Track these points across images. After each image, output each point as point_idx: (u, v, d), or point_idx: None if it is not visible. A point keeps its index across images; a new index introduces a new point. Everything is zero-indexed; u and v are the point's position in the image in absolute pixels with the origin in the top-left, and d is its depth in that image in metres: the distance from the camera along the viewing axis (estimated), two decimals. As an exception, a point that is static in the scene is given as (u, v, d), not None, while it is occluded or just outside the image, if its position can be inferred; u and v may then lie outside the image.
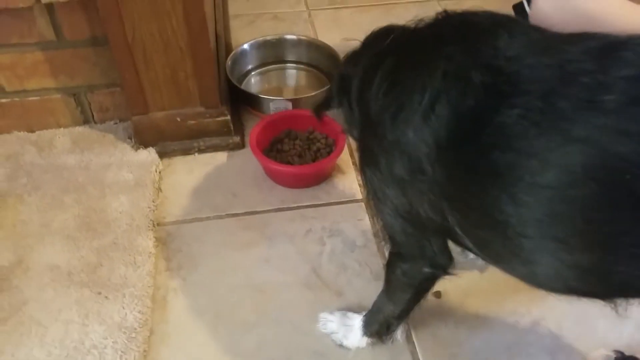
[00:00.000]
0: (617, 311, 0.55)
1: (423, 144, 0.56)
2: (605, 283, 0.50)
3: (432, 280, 0.74)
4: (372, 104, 0.64)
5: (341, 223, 1.08)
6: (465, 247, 0.65)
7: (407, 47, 0.64)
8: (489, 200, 0.50)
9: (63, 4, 1.02)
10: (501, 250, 0.55)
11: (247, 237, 1.04)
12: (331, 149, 1.18)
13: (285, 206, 1.11)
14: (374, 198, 0.70)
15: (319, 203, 1.12)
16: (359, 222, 1.08)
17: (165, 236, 1.04)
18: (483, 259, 0.63)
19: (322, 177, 1.16)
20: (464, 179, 0.53)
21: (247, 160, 1.19)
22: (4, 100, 1.17)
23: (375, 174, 0.67)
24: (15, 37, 1.08)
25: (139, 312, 0.88)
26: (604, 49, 0.46)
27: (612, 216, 0.44)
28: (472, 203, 0.54)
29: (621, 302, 0.55)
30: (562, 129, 0.44)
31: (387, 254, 0.78)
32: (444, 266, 0.71)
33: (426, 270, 0.71)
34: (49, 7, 1.04)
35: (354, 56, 0.75)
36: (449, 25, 0.61)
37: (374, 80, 0.64)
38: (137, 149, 1.18)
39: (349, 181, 1.17)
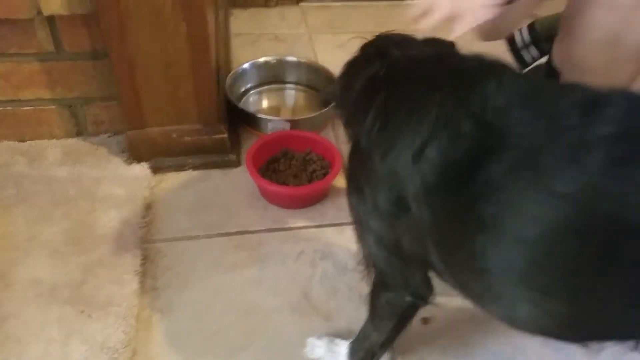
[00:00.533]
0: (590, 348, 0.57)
1: (411, 183, 0.57)
2: (580, 330, 0.52)
3: (414, 309, 0.75)
4: (364, 137, 0.65)
5: (333, 246, 1.06)
6: (446, 282, 0.66)
7: (400, 85, 0.65)
8: (473, 247, 0.52)
9: (65, 17, 1.02)
10: (481, 293, 0.56)
11: (239, 258, 1.02)
12: (327, 170, 1.17)
13: (278, 227, 1.09)
14: (358, 226, 0.71)
15: (313, 225, 1.11)
16: (350, 246, 1.06)
17: (154, 254, 1.02)
18: (463, 296, 0.63)
19: (316, 199, 1.15)
20: (449, 223, 0.55)
21: (242, 179, 1.17)
22: (-5, 109, 1.16)
23: (361, 204, 0.68)
24: (14, 47, 1.07)
25: (123, 332, 0.86)
26: (588, 103, 0.48)
27: (589, 270, 0.45)
28: (455, 247, 0.55)
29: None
30: (546, 185, 0.46)
31: (371, 281, 0.78)
32: (425, 296, 0.72)
33: (408, 299, 0.72)
34: (50, 20, 1.03)
35: (352, 69, 0.77)
36: (442, 68, 0.63)
37: (367, 114, 0.65)
38: (130, 163, 1.16)
39: (343, 204, 1.14)
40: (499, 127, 0.50)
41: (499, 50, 1.23)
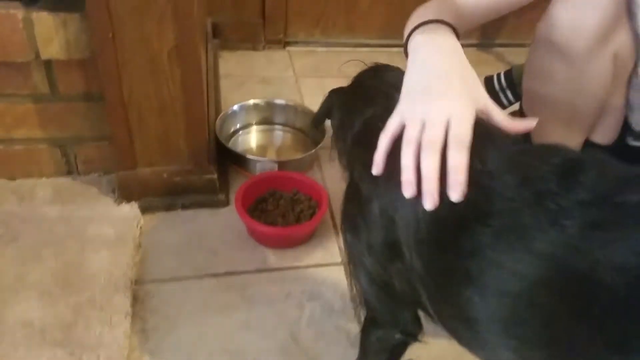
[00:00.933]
0: None
1: (404, 231, 0.60)
2: None
3: (404, 346, 0.78)
4: (364, 182, 0.67)
5: (321, 286, 1.08)
6: (436, 324, 0.69)
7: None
8: (461, 298, 0.55)
9: (61, 61, 1.04)
10: (468, 339, 0.60)
11: (227, 299, 1.04)
12: (314, 210, 1.19)
13: (266, 267, 1.11)
14: (351, 263, 0.74)
15: (300, 265, 1.12)
16: (337, 286, 1.08)
17: (144, 295, 1.02)
18: (453, 339, 0.66)
19: (304, 239, 1.17)
20: (439, 274, 0.58)
21: (231, 219, 1.19)
22: (-14, 148, 1.17)
23: (355, 242, 0.70)
24: (10, 88, 1.09)
25: (113, 374, 0.86)
26: (565, 169, 0.52)
27: (564, 322, 0.49)
28: (445, 296, 0.58)
29: None
30: (528, 245, 0.50)
31: (362, 319, 0.80)
32: (414, 334, 0.75)
33: (398, 336, 0.75)
34: (47, 63, 1.06)
35: (351, 104, 0.80)
36: None
37: (366, 156, 0.67)
38: (119, 203, 1.17)
39: (331, 243, 1.18)
40: (489, 190, 0.54)
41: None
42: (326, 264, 1.13)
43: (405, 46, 0.76)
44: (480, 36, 2.07)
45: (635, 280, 0.44)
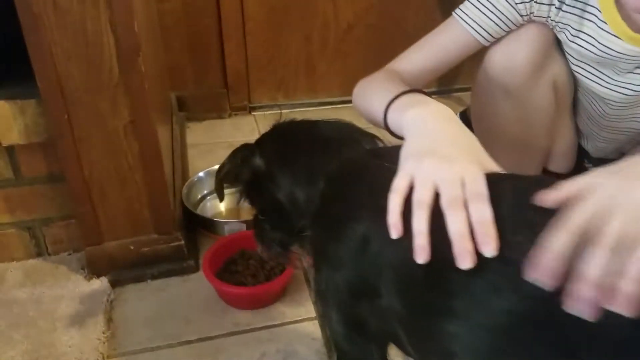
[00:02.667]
0: None
1: (386, 272, 0.61)
2: None
3: None
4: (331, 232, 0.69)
5: (296, 344, 1.08)
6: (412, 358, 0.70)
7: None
8: (443, 335, 0.56)
9: (23, 146, 1.08)
10: None
11: (200, 365, 1.03)
12: (284, 266, 1.21)
13: (239, 329, 1.11)
14: (323, 303, 0.74)
15: (273, 324, 1.13)
16: (312, 342, 1.09)
17: (116, 368, 1.02)
18: None
19: (276, 296, 1.18)
20: (419, 312, 0.59)
21: (201, 284, 1.20)
22: (-44, 237, 1.19)
23: (323, 283, 0.71)
24: (-27, 176, 1.12)
25: None
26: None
27: (544, 353, 0.50)
28: (425, 332, 0.59)
29: None
30: (508, 286, 0.51)
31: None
32: None
33: None
34: (9, 149, 1.10)
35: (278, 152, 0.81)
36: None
37: (331, 212, 0.70)
38: (89, 279, 1.18)
39: (303, 298, 1.19)
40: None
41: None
42: (300, 320, 1.14)
43: (384, 119, 0.77)
44: (438, 83, 2.16)
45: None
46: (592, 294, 0.44)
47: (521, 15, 0.94)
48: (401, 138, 0.71)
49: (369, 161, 0.73)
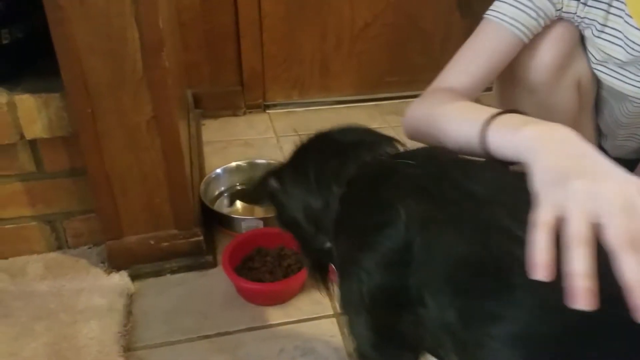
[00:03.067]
0: None
1: (431, 282, 0.58)
2: None
3: None
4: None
5: (313, 341, 1.08)
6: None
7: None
8: (490, 341, 0.54)
9: (46, 140, 1.09)
10: None
11: (219, 360, 1.04)
12: (302, 264, 1.21)
13: (257, 325, 1.12)
14: (349, 311, 0.70)
15: (291, 320, 1.13)
16: (331, 339, 1.09)
17: (136, 361, 1.03)
18: None
19: (293, 293, 1.18)
20: (468, 317, 0.56)
21: (219, 279, 1.21)
22: (-22, 230, 1.20)
23: (359, 292, 0.66)
24: (-3, 170, 1.13)
25: None
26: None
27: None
28: (471, 337, 0.56)
29: None
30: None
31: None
32: None
33: None
34: (32, 143, 1.11)
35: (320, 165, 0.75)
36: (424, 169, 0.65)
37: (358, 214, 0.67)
38: (109, 273, 1.19)
39: (319, 296, 1.19)
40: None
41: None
42: (317, 317, 1.14)
43: (482, 142, 0.68)
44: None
45: None
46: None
47: (556, 9, 0.93)
48: (510, 163, 0.64)
49: (395, 164, 0.69)
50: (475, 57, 0.95)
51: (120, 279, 1.18)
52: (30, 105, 1.04)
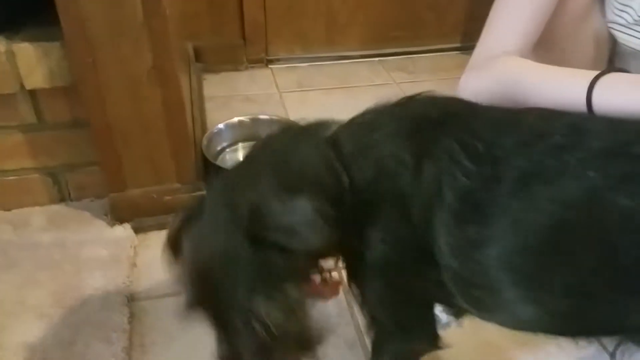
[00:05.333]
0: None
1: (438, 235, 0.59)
2: (579, 326, 0.57)
3: (418, 355, 0.76)
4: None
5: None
6: (453, 306, 0.68)
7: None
8: (488, 268, 0.56)
9: (46, 90, 1.08)
10: (491, 305, 0.60)
11: (222, 309, 1.05)
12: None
13: (259, 277, 1.13)
14: (367, 276, 0.67)
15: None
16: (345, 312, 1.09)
17: (140, 312, 1.04)
18: (470, 312, 0.66)
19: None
20: (468, 253, 0.58)
21: (222, 233, 1.21)
22: (-20, 181, 1.20)
23: (382, 256, 0.64)
24: (-3, 121, 1.12)
25: (113, 388, 0.88)
26: (574, 125, 0.54)
27: (589, 270, 0.50)
28: (474, 272, 0.58)
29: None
30: (552, 195, 0.51)
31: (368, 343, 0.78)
32: (430, 342, 0.72)
33: (415, 346, 0.73)
34: (32, 93, 1.09)
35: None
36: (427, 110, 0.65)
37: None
38: (112, 225, 1.20)
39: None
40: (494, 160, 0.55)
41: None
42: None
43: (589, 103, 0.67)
44: (461, 40, 2.10)
45: None
46: None
47: None
48: None
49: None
50: (521, 14, 0.89)
51: (123, 232, 1.18)
52: (30, 54, 1.02)
